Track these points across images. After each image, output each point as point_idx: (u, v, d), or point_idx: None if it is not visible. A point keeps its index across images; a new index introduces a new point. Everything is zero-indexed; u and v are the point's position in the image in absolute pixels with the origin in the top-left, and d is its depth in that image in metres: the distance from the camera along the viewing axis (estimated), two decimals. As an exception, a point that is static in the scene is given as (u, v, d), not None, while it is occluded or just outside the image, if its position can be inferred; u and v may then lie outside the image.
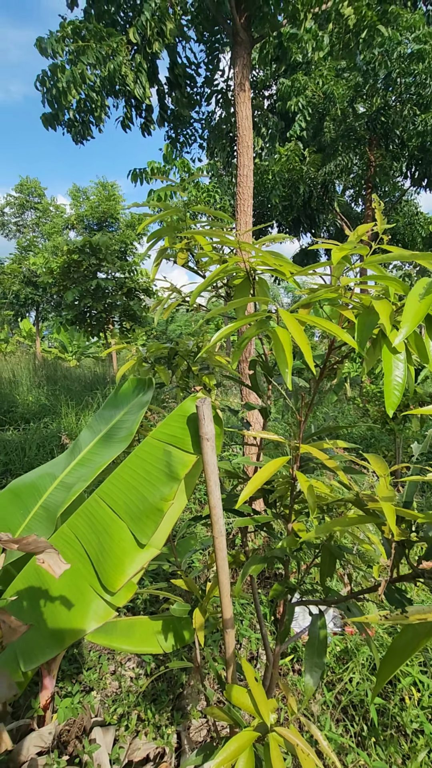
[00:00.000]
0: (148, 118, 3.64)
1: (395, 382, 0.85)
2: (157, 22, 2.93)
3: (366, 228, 1.00)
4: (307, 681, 0.96)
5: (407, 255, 0.85)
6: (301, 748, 1.00)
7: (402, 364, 0.86)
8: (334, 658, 2.38)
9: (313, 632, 1.03)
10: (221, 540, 1.05)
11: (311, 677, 0.96)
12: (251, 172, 3.20)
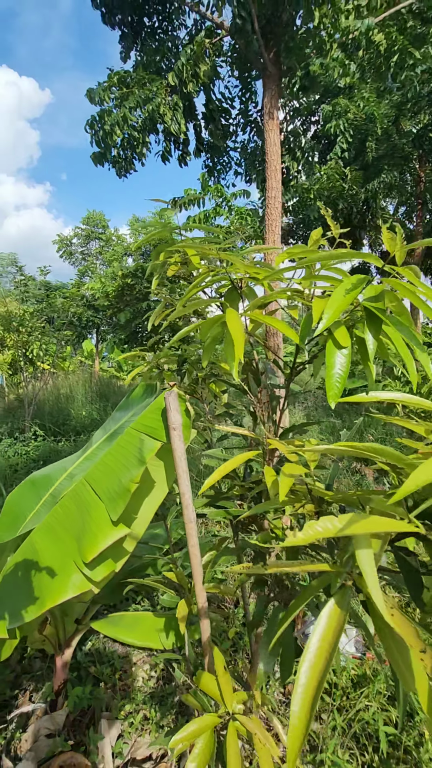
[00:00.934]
0: (184, 151, 3.93)
1: (336, 376, 0.90)
2: (192, 66, 3.21)
3: (318, 233, 1.07)
4: (260, 670, 0.99)
5: (353, 254, 0.90)
6: (258, 737, 1.02)
7: (344, 359, 0.91)
8: (351, 682, 2.27)
9: (272, 622, 1.06)
10: (192, 527, 1.12)
11: (265, 665, 0.99)
12: (279, 193, 3.33)
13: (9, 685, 2.18)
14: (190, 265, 1.47)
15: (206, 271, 1.44)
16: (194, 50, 3.28)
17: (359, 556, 0.46)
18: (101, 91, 3.44)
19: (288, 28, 2.99)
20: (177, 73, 3.37)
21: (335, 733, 2.01)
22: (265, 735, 1.01)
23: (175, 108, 3.36)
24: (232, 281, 1.37)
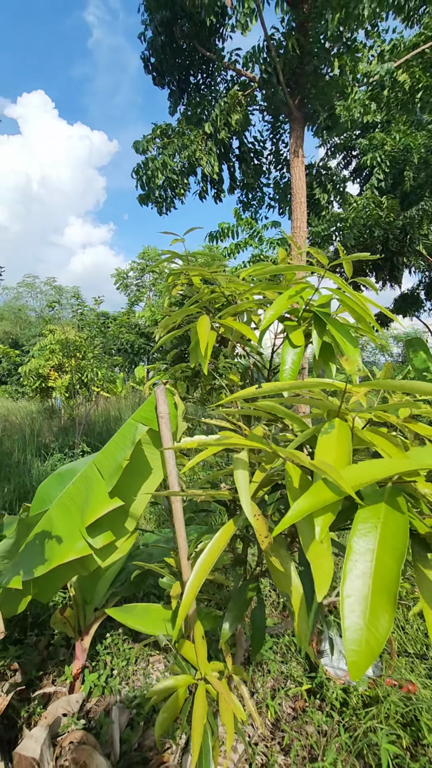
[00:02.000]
0: (219, 189, 4.30)
1: (288, 369, 1.06)
2: (224, 116, 3.59)
3: (283, 252, 1.25)
4: (224, 627, 1.11)
5: (294, 267, 1.08)
6: (223, 696, 1.14)
7: (295, 356, 1.07)
8: (362, 702, 2.23)
9: (241, 590, 1.18)
10: (177, 505, 1.30)
11: (228, 625, 1.11)
12: (304, 224, 3.54)
13: (35, 667, 2.38)
14: (194, 287, 1.70)
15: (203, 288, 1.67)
16: (227, 102, 3.68)
17: (235, 475, 0.62)
18: (145, 142, 3.92)
19: (310, 78, 3.29)
20: (212, 122, 3.77)
21: (338, 748, 1.98)
22: (230, 695, 1.12)
23: (210, 153, 3.74)
24: (226, 298, 1.57)
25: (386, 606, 0.44)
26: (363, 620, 0.44)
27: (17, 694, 2.22)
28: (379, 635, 0.44)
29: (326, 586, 0.48)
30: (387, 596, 0.44)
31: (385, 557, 0.47)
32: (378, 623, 0.44)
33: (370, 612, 0.44)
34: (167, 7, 4.59)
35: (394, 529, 0.49)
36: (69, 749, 1.88)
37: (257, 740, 2.08)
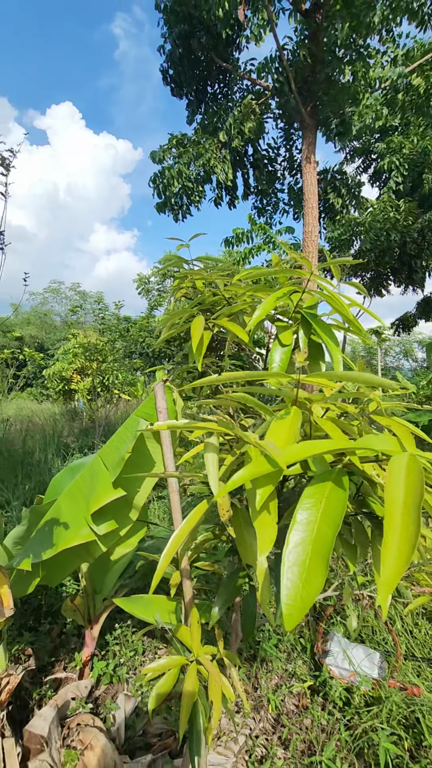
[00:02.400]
0: (233, 196, 4.39)
1: (275, 366, 1.12)
2: (238, 124, 3.68)
3: (276, 258, 1.32)
4: (214, 611, 1.18)
5: (270, 271, 1.15)
6: (213, 676, 1.20)
7: (283, 354, 1.13)
8: (365, 702, 2.24)
9: (232, 576, 1.24)
10: (174, 496, 1.37)
11: (217, 609, 1.17)
12: (316, 228, 3.59)
13: (48, 654, 2.49)
14: (197, 290, 1.78)
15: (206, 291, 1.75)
16: (241, 111, 3.77)
17: (205, 458, 0.69)
18: (161, 152, 4.05)
19: (322, 85, 3.34)
20: (226, 131, 3.87)
21: (338, 746, 2.00)
22: (218, 674, 1.18)
23: (224, 160, 3.83)
24: (226, 299, 1.65)
25: (320, 569, 0.50)
26: (300, 580, 0.50)
27: (30, 677, 2.33)
28: (311, 592, 0.50)
29: (266, 549, 0.54)
30: (322, 561, 0.50)
31: (325, 528, 0.53)
32: (312, 583, 0.50)
33: (307, 573, 0.50)
34: (186, 21, 4.74)
35: (336, 504, 0.55)
36: (76, 730, 1.97)
37: (258, 733, 2.12)
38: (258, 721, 2.19)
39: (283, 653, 2.62)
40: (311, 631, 2.77)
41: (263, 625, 2.74)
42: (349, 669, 2.53)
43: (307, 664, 2.58)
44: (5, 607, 1.36)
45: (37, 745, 1.83)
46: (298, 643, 2.72)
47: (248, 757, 1.95)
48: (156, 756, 1.90)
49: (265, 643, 2.52)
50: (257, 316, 1.03)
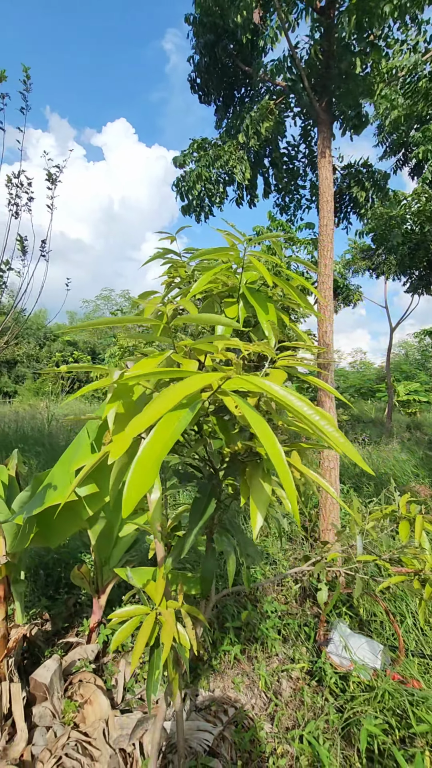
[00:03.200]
0: (252, 195, 4.48)
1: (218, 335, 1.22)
2: (254, 125, 3.78)
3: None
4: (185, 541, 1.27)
5: (209, 250, 1.25)
6: (167, 623, 1.31)
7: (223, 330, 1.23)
8: (360, 690, 2.22)
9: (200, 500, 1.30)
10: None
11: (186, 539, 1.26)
12: (331, 222, 3.60)
13: (63, 620, 2.71)
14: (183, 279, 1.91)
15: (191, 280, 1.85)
16: (257, 112, 3.87)
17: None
18: (182, 156, 4.24)
19: (335, 80, 3.36)
20: (244, 132, 3.98)
21: (326, 726, 2.01)
22: (172, 621, 1.29)
23: (242, 161, 3.95)
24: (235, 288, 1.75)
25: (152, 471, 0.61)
26: (139, 475, 0.62)
27: (44, 638, 2.55)
28: (145, 483, 0.61)
29: (118, 454, 0.65)
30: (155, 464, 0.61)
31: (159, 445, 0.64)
32: (146, 477, 0.61)
33: (143, 471, 0.62)
34: (212, 30, 4.92)
35: (170, 427, 0.66)
36: (78, 685, 2.15)
37: (249, 707, 2.18)
38: (251, 697, 2.25)
39: (288, 642, 2.65)
40: (316, 621, 2.77)
41: (261, 608, 2.79)
42: (348, 657, 2.52)
43: (309, 651, 2.60)
44: (0, 555, 1.56)
45: (41, 693, 2.03)
46: (302, 630, 2.74)
47: (235, 726, 2.02)
48: (147, 715, 2.03)
49: (262, 623, 2.57)
50: (194, 289, 1.14)
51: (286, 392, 0.63)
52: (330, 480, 3.40)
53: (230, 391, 0.68)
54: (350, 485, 5.02)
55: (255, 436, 0.88)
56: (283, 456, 0.60)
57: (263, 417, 0.89)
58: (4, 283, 6.16)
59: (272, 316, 1.14)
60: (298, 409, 0.63)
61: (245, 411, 0.63)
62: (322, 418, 0.63)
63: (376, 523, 2.10)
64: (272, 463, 0.59)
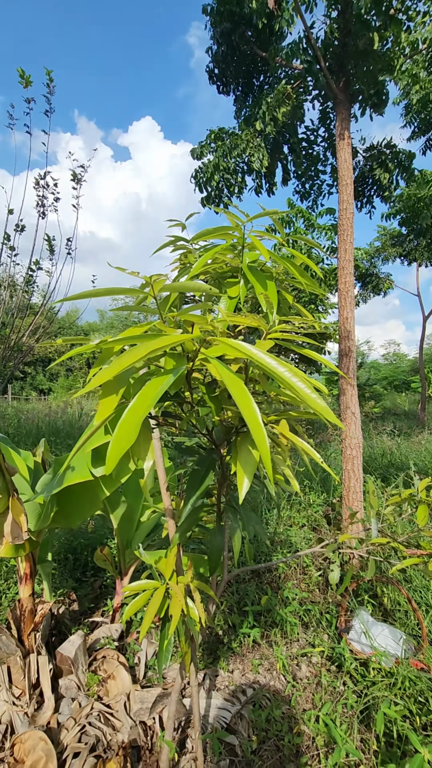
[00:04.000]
0: (271, 182, 4.43)
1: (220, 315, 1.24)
2: (271, 111, 3.74)
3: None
4: (183, 511, 1.31)
5: (211, 230, 1.26)
6: (176, 596, 1.35)
7: (225, 304, 1.25)
8: (380, 676, 2.20)
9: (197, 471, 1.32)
10: (156, 443, 1.55)
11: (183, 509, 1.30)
12: (351, 206, 3.52)
13: (89, 601, 2.82)
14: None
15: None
16: (273, 97, 3.82)
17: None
18: (200, 148, 4.25)
19: (352, 58, 3.27)
20: (260, 119, 3.95)
21: (344, 710, 2.01)
22: (180, 595, 1.33)
23: (258, 149, 3.91)
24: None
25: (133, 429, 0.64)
26: (122, 432, 0.65)
27: (71, 617, 2.67)
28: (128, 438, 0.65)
29: (105, 415, 0.69)
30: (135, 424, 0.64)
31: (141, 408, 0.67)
32: (128, 433, 0.65)
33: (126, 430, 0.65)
34: (229, 18, 4.89)
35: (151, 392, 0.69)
36: (101, 661, 2.24)
37: (267, 689, 2.20)
38: (269, 679, 2.27)
39: (308, 628, 2.66)
40: (337, 608, 2.76)
41: (282, 594, 2.80)
42: (368, 644, 2.49)
43: (331, 638, 2.59)
44: (22, 531, 1.65)
45: (66, 666, 2.13)
46: (324, 617, 2.73)
47: (252, 706, 2.05)
48: (166, 691, 2.09)
49: (282, 609, 2.58)
50: (194, 268, 1.17)
51: (259, 352, 0.65)
52: (352, 468, 3.35)
53: (214, 357, 0.70)
54: (377, 475, 4.92)
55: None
56: (257, 415, 0.62)
57: (250, 385, 0.91)
58: (35, 283, 6.38)
59: (272, 292, 1.14)
60: (271, 367, 0.64)
61: (222, 373, 0.65)
62: (297, 377, 0.64)
63: (395, 508, 2.07)
64: (248, 420, 0.60)
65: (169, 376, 0.70)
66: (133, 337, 0.68)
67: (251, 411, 0.62)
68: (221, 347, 0.71)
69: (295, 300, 7.00)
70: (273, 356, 0.69)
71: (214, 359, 0.69)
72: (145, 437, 0.91)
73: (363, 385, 20.86)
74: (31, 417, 9.68)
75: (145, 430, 0.92)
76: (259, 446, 0.60)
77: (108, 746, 1.82)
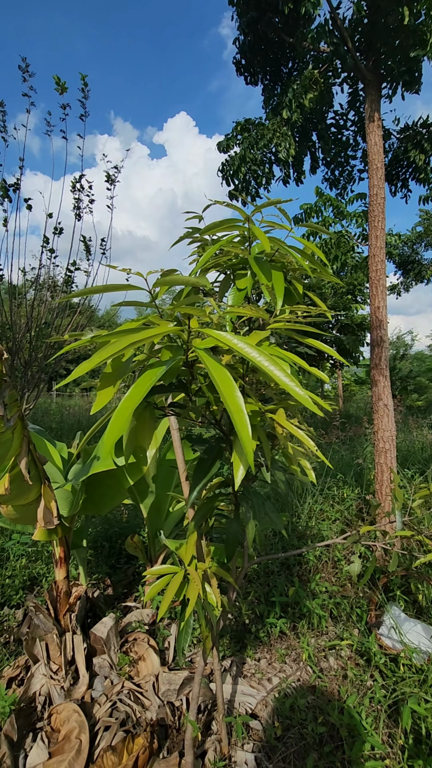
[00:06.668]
0: (299, 171, 4.33)
1: (229, 305, 1.26)
2: (297, 98, 3.66)
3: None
4: (189, 498, 1.36)
5: (220, 222, 1.28)
6: (194, 581, 1.40)
7: (233, 295, 1.27)
8: (409, 671, 2.15)
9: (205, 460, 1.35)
10: (176, 434, 1.61)
11: (189, 497, 1.36)
12: (382, 190, 3.40)
13: (123, 587, 2.95)
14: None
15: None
16: (301, 83, 3.74)
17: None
18: (226, 141, 4.23)
19: (381, 35, 3.13)
20: (287, 106, 3.88)
21: (371, 705, 1.98)
22: (199, 581, 1.38)
23: (285, 137, 3.84)
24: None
25: (126, 416, 0.69)
26: (119, 419, 0.70)
27: (105, 601, 2.80)
28: (122, 424, 0.69)
29: (102, 404, 0.73)
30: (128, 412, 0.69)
31: (135, 398, 0.71)
32: (122, 419, 0.69)
33: (122, 416, 0.70)
34: (255, 7, 4.83)
35: (145, 383, 0.72)
36: (132, 643, 2.35)
37: (294, 678, 2.22)
38: (295, 669, 2.28)
39: (337, 621, 2.64)
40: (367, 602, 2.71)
41: (310, 586, 2.79)
42: (398, 639, 2.44)
43: (361, 632, 2.56)
44: (53, 516, 1.76)
45: (99, 646, 2.25)
46: (354, 612, 2.70)
47: (277, 694, 2.08)
48: (193, 674, 2.16)
49: (309, 601, 2.58)
50: (200, 261, 1.19)
51: (242, 343, 0.67)
52: (385, 461, 3.27)
53: (201, 348, 0.73)
54: (414, 470, 4.75)
55: (247, 395, 0.92)
56: (239, 403, 0.64)
57: (251, 375, 0.93)
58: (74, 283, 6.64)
59: (278, 282, 1.15)
60: (252, 357, 0.66)
61: (208, 363, 0.68)
62: (276, 367, 0.65)
63: (423, 501, 2.01)
64: (229, 408, 0.63)
65: (162, 367, 0.74)
66: (125, 330, 0.72)
67: (234, 399, 0.64)
68: (210, 339, 0.74)
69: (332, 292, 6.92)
70: (257, 348, 0.71)
71: (200, 350, 0.72)
72: (149, 427, 0.95)
73: (406, 377, 20.05)
74: (73, 413, 10.11)
75: (150, 421, 0.96)
76: (240, 432, 0.62)
77: (137, 723, 1.92)
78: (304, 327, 0.96)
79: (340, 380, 15.72)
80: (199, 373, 0.94)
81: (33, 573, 3.02)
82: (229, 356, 0.89)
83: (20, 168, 5.45)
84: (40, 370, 5.18)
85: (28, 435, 1.55)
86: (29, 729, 1.87)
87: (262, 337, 0.79)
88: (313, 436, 0.94)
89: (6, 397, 1.28)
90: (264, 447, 0.91)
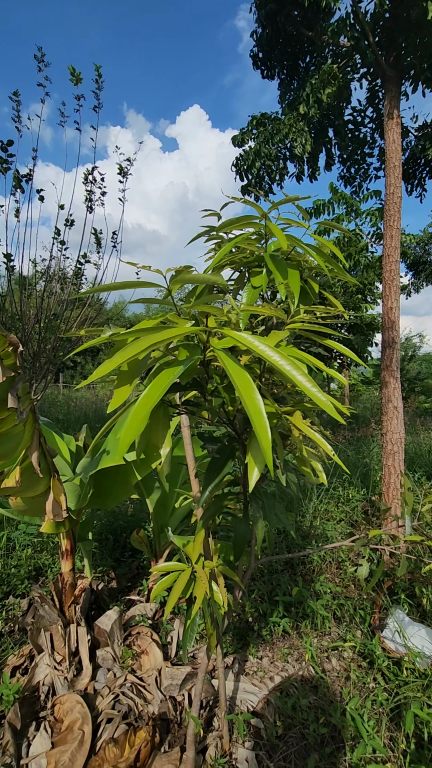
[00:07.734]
0: (314, 168, 4.28)
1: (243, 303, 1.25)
2: (315, 93, 3.61)
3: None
4: (201, 498, 1.36)
5: (235, 219, 1.26)
6: (201, 579, 1.39)
7: (252, 293, 1.25)
8: (413, 675, 2.14)
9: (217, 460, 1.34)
10: (186, 431, 1.60)
11: (201, 497, 1.35)
12: (399, 189, 3.35)
13: (127, 580, 2.96)
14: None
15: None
16: (319, 78, 3.68)
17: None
18: (241, 135, 4.18)
19: (403, 31, 3.07)
20: (304, 101, 3.82)
21: (373, 707, 1.98)
22: (206, 579, 1.37)
23: (301, 133, 3.79)
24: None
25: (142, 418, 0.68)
26: (134, 419, 0.69)
27: (109, 594, 2.82)
28: (138, 426, 0.68)
29: (117, 403, 0.73)
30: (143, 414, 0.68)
31: (153, 398, 0.70)
32: (138, 420, 0.68)
33: (137, 419, 0.69)
34: (274, 0, 4.76)
35: (162, 383, 0.71)
36: (136, 637, 2.36)
37: (296, 678, 2.21)
38: (297, 669, 2.28)
39: (341, 623, 2.63)
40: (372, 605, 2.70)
41: (314, 586, 2.78)
42: (402, 643, 2.43)
43: (365, 634, 2.55)
44: (62, 509, 1.76)
45: (103, 639, 2.26)
46: (357, 613, 2.69)
47: (279, 693, 2.08)
48: (195, 670, 2.16)
49: (312, 601, 2.57)
50: (215, 259, 1.18)
51: (262, 344, 0.65)
52: (393, 464, 3.24)
53: (220, 348, 0.72)
54: (422, 473, 4.71)
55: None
56: (259, 405, 0.63)
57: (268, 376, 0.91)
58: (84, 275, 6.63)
59: (293, 281, 1.13)
60: (273, 359, 0.64)
61: (227, 363, 0.67)
62: (297, 370, 0.64)
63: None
64: (249, 410, 0.62)
65: (179, 367, 0.72)
66: (143, 329, 0.71)
67: (253, 401, 0.63)
68: (229, 339, 0.72)
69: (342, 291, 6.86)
70: (277, 350, 0.69)
71: (219, 350, 0.71)
72: (163, 425, 0.94)
73: (413, 379, 19.89)
74: (80, 405, 10.16)
75: (164, 419, 0.95)
76: (259, 435, 0.61)
77: (139, 716, 1.93)
78: (322, 328, 0.94)
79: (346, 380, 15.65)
80: (215, 373, 0.92)
81: (38, 563, 3.04)
82: (248, 357, 0.87)
83: (33, 159, 5.43)
84: (48, 361, 5.19)
85: (39, 428, 1.55)
86: (32, 718, 1.89)
87: (281, 338, 0.78)
88: (329, 439, 0.92)
89: (19, 389, 1.27)
90: (278, 449, 0.90)
